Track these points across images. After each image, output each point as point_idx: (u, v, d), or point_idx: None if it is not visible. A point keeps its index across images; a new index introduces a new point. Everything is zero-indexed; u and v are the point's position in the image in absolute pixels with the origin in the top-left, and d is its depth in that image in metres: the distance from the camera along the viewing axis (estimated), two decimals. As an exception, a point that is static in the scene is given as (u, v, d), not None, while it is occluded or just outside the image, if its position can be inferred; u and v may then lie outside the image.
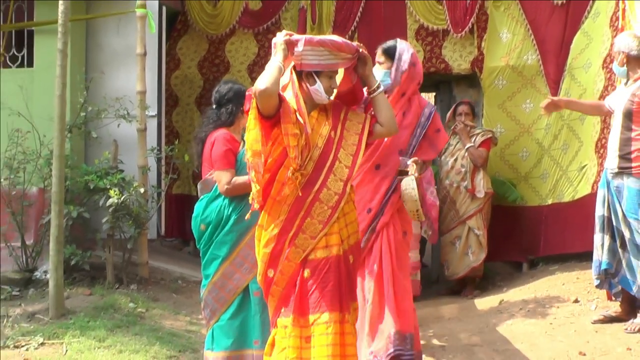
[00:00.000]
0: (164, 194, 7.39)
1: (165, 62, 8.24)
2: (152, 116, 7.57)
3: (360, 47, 3.81)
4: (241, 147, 4.42)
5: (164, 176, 7.41)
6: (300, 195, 3.64)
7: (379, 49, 4.62)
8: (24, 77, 7.29)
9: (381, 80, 4.17)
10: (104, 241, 6.86)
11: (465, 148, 7.27)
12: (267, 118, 3.56)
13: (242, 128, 4.47)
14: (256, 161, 3.59)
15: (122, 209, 6.64)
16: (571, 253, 7.14)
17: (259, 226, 3.75)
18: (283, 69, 3.62)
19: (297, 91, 3.65)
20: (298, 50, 3.64)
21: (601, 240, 5.37)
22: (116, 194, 6.52)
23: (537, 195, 7.58)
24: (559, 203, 7.35)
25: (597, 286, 5.56)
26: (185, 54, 8.68)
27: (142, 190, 6.79)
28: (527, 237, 7.58)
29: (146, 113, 7.20)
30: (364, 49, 3.83)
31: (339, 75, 3.86)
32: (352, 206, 3.83)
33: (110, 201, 6.54)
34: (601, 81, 6.62)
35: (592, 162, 6.80)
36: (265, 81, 3.49)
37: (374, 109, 3.92)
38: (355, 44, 3.82)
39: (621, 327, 5.32)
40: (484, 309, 6.50)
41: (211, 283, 4.43)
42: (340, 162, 3.74)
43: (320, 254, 3.67)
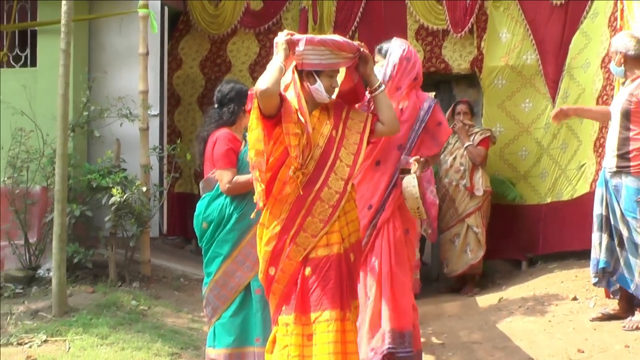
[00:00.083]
0: (166, 192, 7.41)
1: (167, 62, 8.26)
2: (154, 115, 7.61)
3: (362, 47, 3.81)
4: (243, 147, 4.44)
5: (166, 175, 7.45)
6: (301, 194, 3.65)
7: (375, 50, 4.63)
8: (27, 76, 7.32)
9: None
10: (106, 239, 6.87)
11: (464, 147, 7.30)
12: (268, 118, 3.57)
13: (243, 127, 4.48)
14: (259, 160, 3.60)
15: (124, 207, 6.67)
16: (570, 251, 7.14)
17: (260, 224, 3.75)
18: (284, 68, 3.62)
19: (299, 91, 3.65)
20: (299, 50, 3.64)
21: (599, 239, 5.36)
22: (119, 193, 6.55)
23: (536, 194, 7.59)
24: (557, 202, 7.36)
25: (595, 284, 5.55)
26: (187, 53, 8.70)
27: (144, 189, 6.81)
28: (526, 235, 7.58)
29: (148, 112, 7.22)
30: (365, 48, 3.83)
31: (340, 75, 3.85)
32: (353, 205, 3.83)
33: (113, 200, 6.56)
34: (600, 81, 6.64)
35: (590, 161, 6.81)
36: (266, 82, 3.50)
37: (375, 108, 3.92)
38: (357, 44, 3.81)
39: (619, 324, 5.32)
40: (483, 307, 6.51)
41: (213, 281, 4.43)
42: (341, 161, 3.74)
43: (321, 253, 3.67)
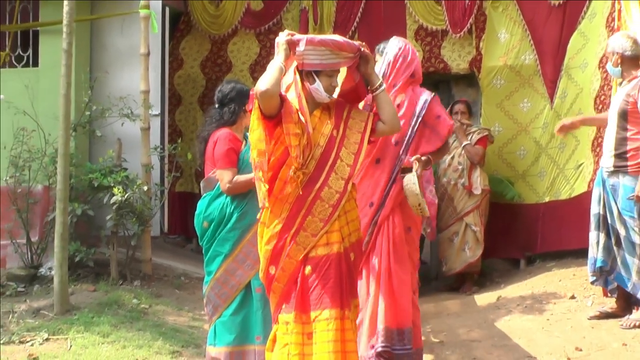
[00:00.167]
0: (167, 191, 7.41)
1: (168, 62, 8.27)
2: (155, 115, 7.62)
3: (363, 46, 3.81)
4: (243, 146, 4.45)
5: (167, 174, 7.47)
6: (301, 193, 3.65)
7: (375, 49, 4.65)
8: (30, 76, 7.34)
9: None
10: (108, 238, 6.89)
11: (462, 146, 7.32)
12: (269, 118, 3.58)
13: (244, 127, 4.49)
14: (261, 160, 3.61)
15: (125, 206, 6.69)
16: (568, 250, 7.15)
17: (261, 223, 3.76)
18: (285, 69, 3.63)
19: (300, 91, 3.66)
20: (300, 50, 3.65)
21: (596, 238, 5.38)
22: (120, 192, 6.56)
23: (534, 193, 7.60)
24: (555, 201, 7.37)
25: (592, 283, 5.57)
26: (188, 53, 8.73)
27: (145, 188, 6.83)
28: (524, 234, 7.60)
29: (149, 112, 7.24)
30: (366, 47, 3.83)
31: (341, 74, 3.86)
32: (354, 204, 3.84)
33: (114, 199, 6.58)
34: (597, 81, 6.65)
35: (588, 161, 6.83)
36: (266, 82, 3.51)
37: (376, 107, 3.92)
38: (358, 43, 3.81)
39: (617, 323, 5.33)
40: (482, 305, 6.53)
41: (214, 279, 4.44)
42: (342, 160, 3.74)
43: (321, 252, 3.68)
